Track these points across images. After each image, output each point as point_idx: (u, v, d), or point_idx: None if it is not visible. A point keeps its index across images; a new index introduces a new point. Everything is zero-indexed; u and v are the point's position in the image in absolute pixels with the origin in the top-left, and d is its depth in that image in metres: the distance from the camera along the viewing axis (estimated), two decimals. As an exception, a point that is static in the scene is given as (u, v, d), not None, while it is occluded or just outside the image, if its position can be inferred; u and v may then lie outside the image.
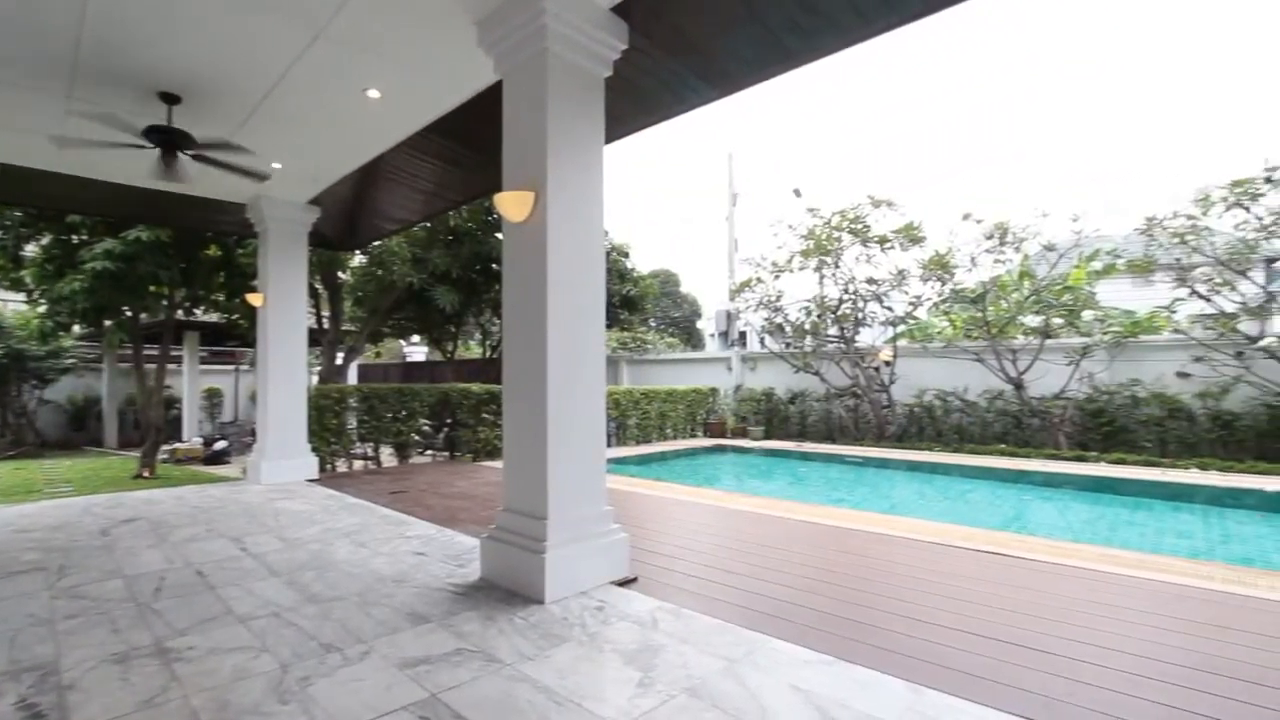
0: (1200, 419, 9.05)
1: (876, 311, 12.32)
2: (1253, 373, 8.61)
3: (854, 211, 11.95)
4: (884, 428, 11.77)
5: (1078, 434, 9.91)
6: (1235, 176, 8.50)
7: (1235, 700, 2.24)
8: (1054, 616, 3.06)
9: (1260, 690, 2.31)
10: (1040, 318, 10.52)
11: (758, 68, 4.13)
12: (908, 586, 3.54)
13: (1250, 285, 8.84)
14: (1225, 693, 2.30)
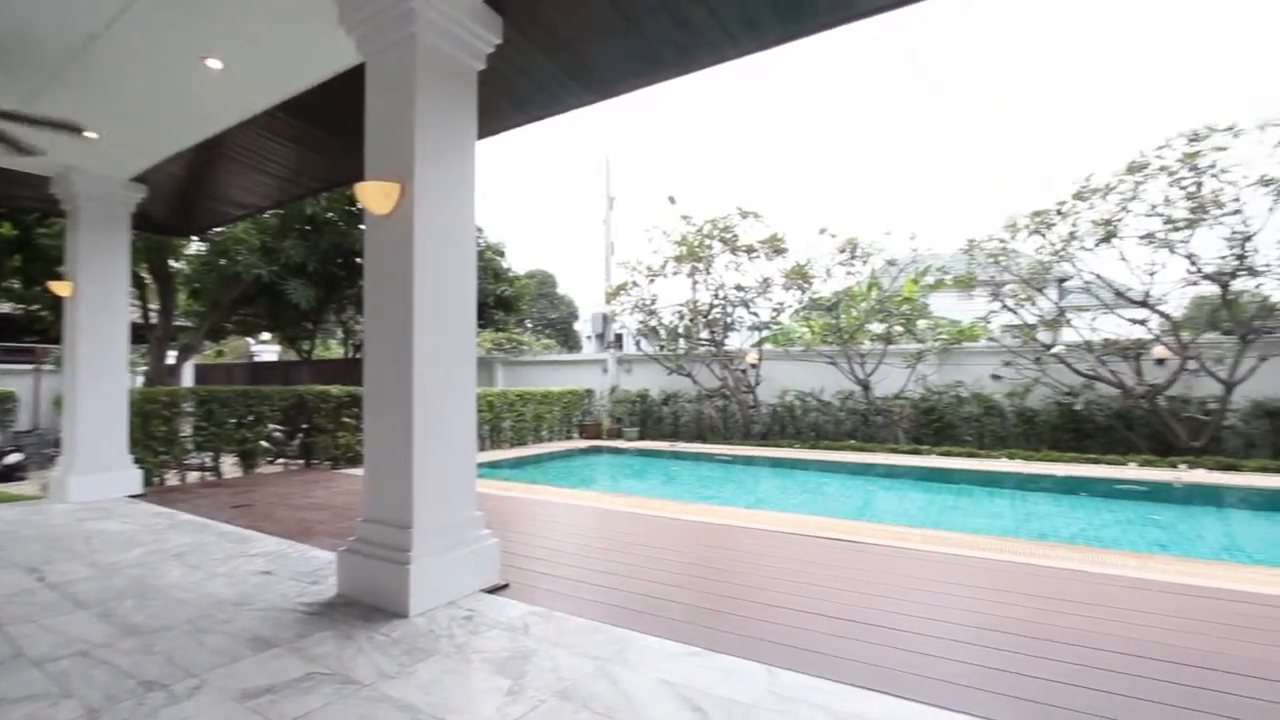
0: (1009, 415, 10.46)
1: (744, 317, 13.01)
2: (1048, 375, 10.11)
3: (724, 221, 12.54)
4: (750, 427, 12.44)
5: (914, 430, 11.08)
6: (1036, 207, 9.92)
7: (1031, 656, 2.62)
8: (892, 594, 3.40)
9: (1055, 646, 2.71)
10: (884, 325, 11.64)
11: (633, 75, 4.22)
12: (767, 575, 3.77)
13: (1045, 301, 10.38)
14: (1027, 650, 2.67)
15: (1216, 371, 8.88)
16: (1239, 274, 8.73)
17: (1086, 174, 9.43)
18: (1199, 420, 9.00)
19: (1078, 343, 10.04)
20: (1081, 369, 9.77)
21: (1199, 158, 8.55)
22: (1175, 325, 9.31)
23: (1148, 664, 2.52)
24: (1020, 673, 2.46)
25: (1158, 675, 2.43)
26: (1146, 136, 9.15)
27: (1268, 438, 8.88)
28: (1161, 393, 9.16)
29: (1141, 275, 9.38)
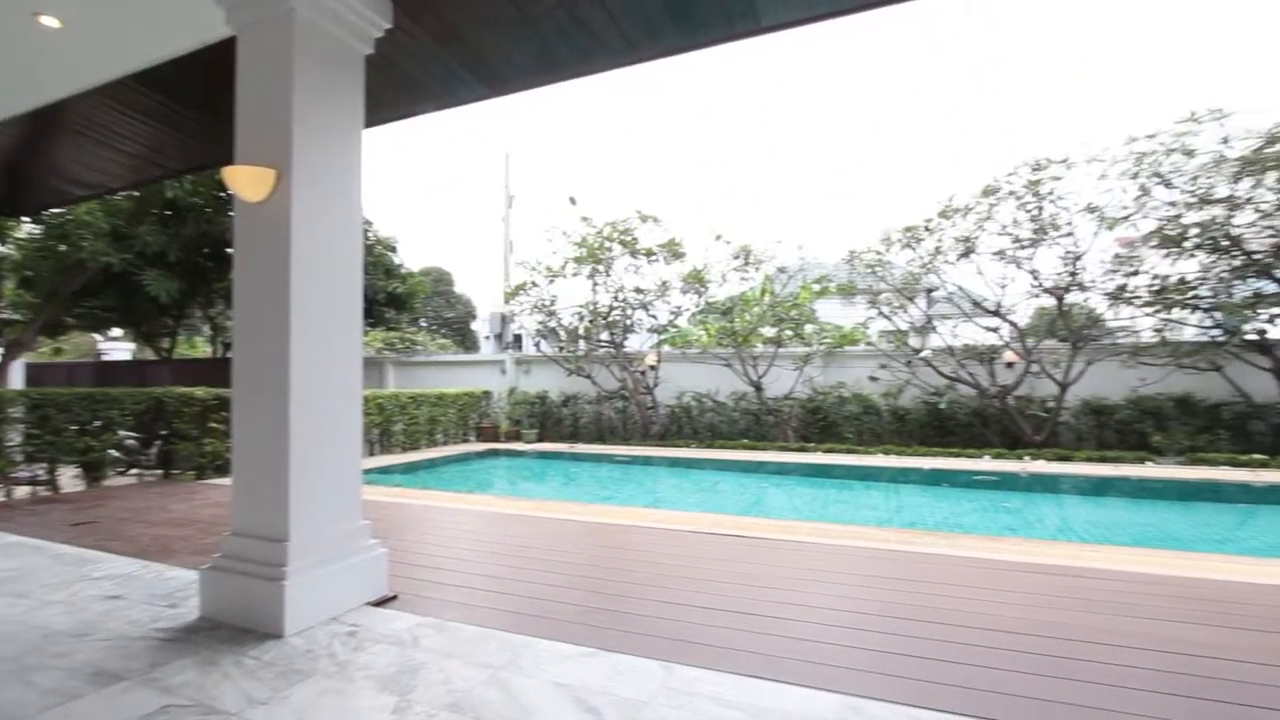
0: (884, 414, 11.31)
1: (643, 319, 13.20)
2: (917, 377, 11.03)
3: (624, 224, 12.67)
4: (649, 427, 12.64)
5: (801, 428, 11.71)
6: (908, 223, 10.81)
7: (908, 636, 2.84)
8: (782, 585, 3.57)
9: (928, 626, 2.96)
10: (775, 330, 12.22)
11: (530, 72, 4.17)
12: (664, 573, 3.84)
13: (916, 309, 11.34)
14: (904, 631, 2.90)
15: (1054, 374, 10.06)
16: (1071, 288, 9.96)
17: (950, 194, 10.40)
18: (1040, 417, 10.17)
19: (942, 348, 11.05)
20: (945, 371, 10.75)
21: (1040, 185, 9.67)
22: (1021, 333, 10.47)
23: (1009, 637, 2.81)
24: (899, 652, 2.67)
25: (1019, 647, 2.71)
26: (1001, 163, 10.33)
27: (1094, 432, 10.19)
28: (1010, 393, 10.25)
29: (994, 287, 10.47)
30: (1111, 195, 9.50)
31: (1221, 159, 8.77)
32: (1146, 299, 9.70)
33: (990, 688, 2.35)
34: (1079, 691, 2.31)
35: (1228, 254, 9.07)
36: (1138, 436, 9.73)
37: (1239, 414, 9.48)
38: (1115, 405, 10.12)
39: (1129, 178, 9.32)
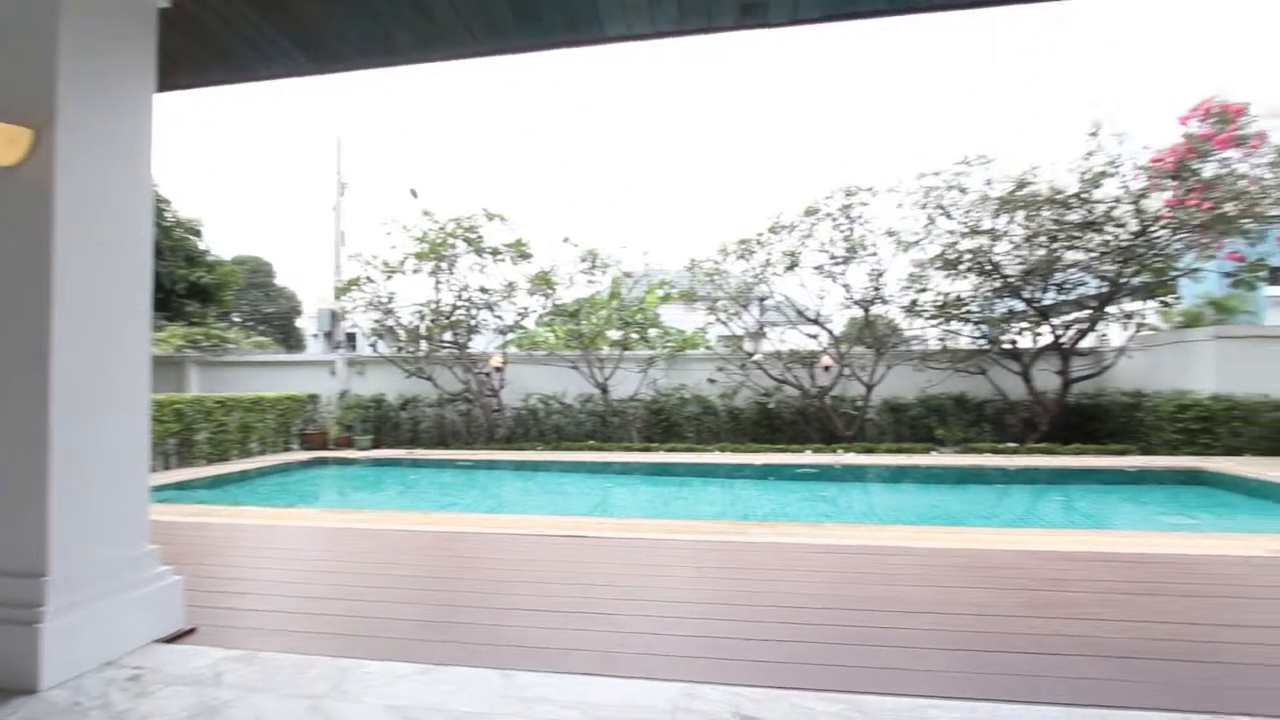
0: (721, 414, 12.05)
1: (488, 319, 12.85)
2: (750, 379, 11.91)
3: (469, 221, 12.24)
4: (494, 430, 12.32)
5: (645, 429, 12.11)
6: (742, 235, 11.64)
7: (740, 621, 3.04)
8: (624, 583, 3.65)
9: (759, 610, 3.18)
10: (621, 332, 12.52)
11: (364, 52, 3.88)
12: (505, 579, 3.77)
13: (750, 316, 12.24)
14: (738, 616, 3.09)
15: (861, 376, 11.39)
16: (876, 302, 11.36)
17: (778, 212, 11.35)
18: (851, 414, 11.45)
19: (772, 352, 12.03)
20: (774, 374, 11.72)
21: (851, 209, 10.91)
22: (836, 340, 11.73)
23: (825, 613, 3.11)
24: (731, 636, 2.84)
25: (833, 621, 3.01)
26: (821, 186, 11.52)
27: (893, 427, 11.67)
28: (828, 393, 11.43)
29: (815, 299, 11.63)
30: (906, 222, 10.99)
31: (986, 197, 10.50)
32: (932, 313, 11.34)
33: (810, 659, 2.59)
34: (883, 655, 2.63)
35: (990, 277, 10.88)
36: (926, 430, 11.31)
37: (998, 409, 11.40)
38: (909, 403, 11.69)
39: (920, 207, 10.84)
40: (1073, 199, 9.96)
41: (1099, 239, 10.12)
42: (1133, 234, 9.89)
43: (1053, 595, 3.35)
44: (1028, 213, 10.23)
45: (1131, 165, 9.79)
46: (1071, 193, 9.97)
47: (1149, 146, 9.84)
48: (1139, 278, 10.24)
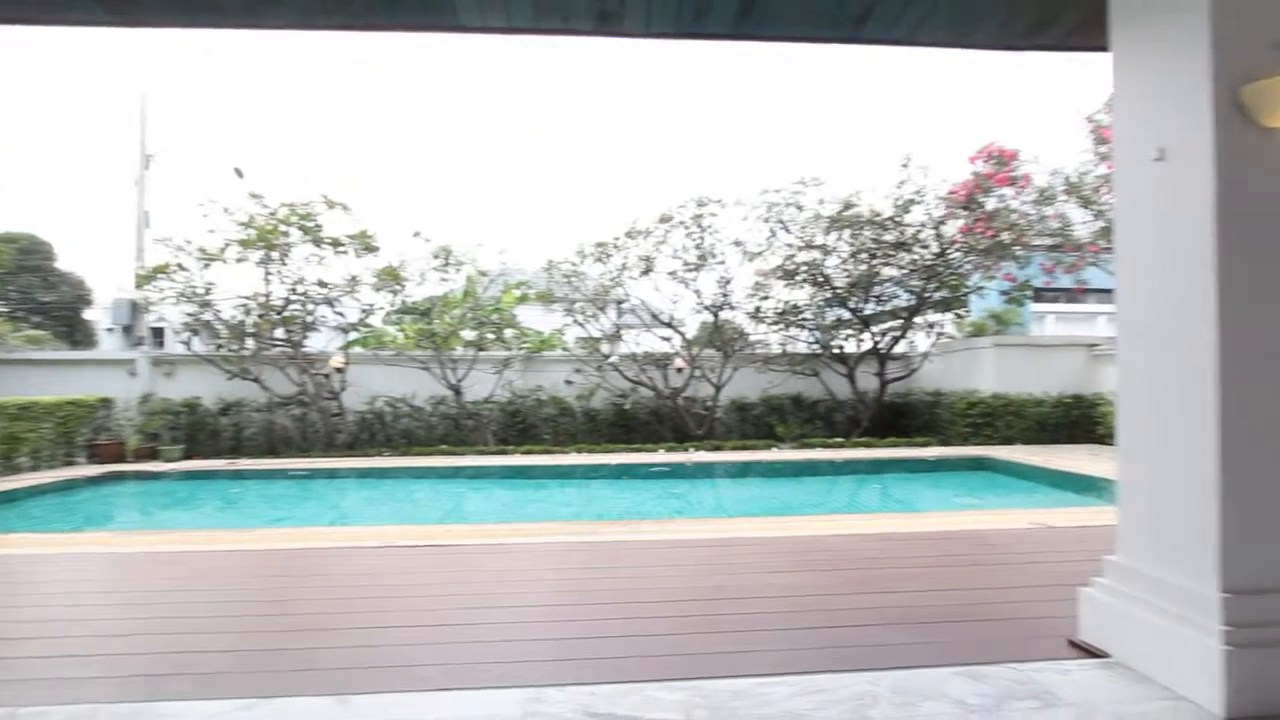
0: (578, 415, 12.12)
1: (328, 316, 11.85)
2: (607, 381, 12.11)
3: (306, 208, 11.20)
4: (334, 436, 11.39)
5: (501, 431, 11.85)
6: (600, 239, 11.81)
7: (594, 620, 3.08)
8: (473, 591, 3.55)
9: (610, 607, 3.23)
10: (476, 333, 12.14)
11: (174, 10, 3.42)
12: (344, 597, 3.51)
13: (607, 318, 12.44)
14: (591, 615, 3.12)
15: (711, 377, 12.04)
16: (724, 307, 12.08)
17: (635, 217, 11.67)
18: (702, 414, 12.05)
19: (628, 354, 12.32)
20: (629, 375, 12.01)
21: (703, 219, 11.50)
22: (688, 343, 12.29)
23: (676, 605, 3.25)
24: (585, 636, 2.87)
25: (683, 612, 3.15)
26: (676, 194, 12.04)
27: (739, 425, 12.45)
28: (680, 394, 11.93)
29: (669, 303, 12.10)
30: (751, 233, 11.80)
31: (819, 215, 11.57)
32: (773, 319, 12.28)
33: (660, 651, 2.69)
34: (726, 640, 2.80)
35: (823, 288, 12.00)
36: (768, 427, 12.19)
37: (828, 408, 12.61)
38: (753, 403, 12.54)
39: (763, 221, 11.69)
40: (888, 221, 11.30)
41: (909, 258, 11.56)
42: (934, 255, 11.42)
43: (870, 572, 3.77)
44: (853, 231, 11.44)
45: (934, 195, 11.30)
46: (887, 216, 11.30)
47: (947, 180, 11.43)
48: (939, 293, 11.85)
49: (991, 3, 3.30)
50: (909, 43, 3.58)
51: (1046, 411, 10.88)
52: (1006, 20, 3.42)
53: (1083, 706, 2.19)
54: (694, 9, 3.30)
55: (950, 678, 2.39)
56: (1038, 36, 3.52)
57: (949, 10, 3.35)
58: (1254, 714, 2.11)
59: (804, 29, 3.51)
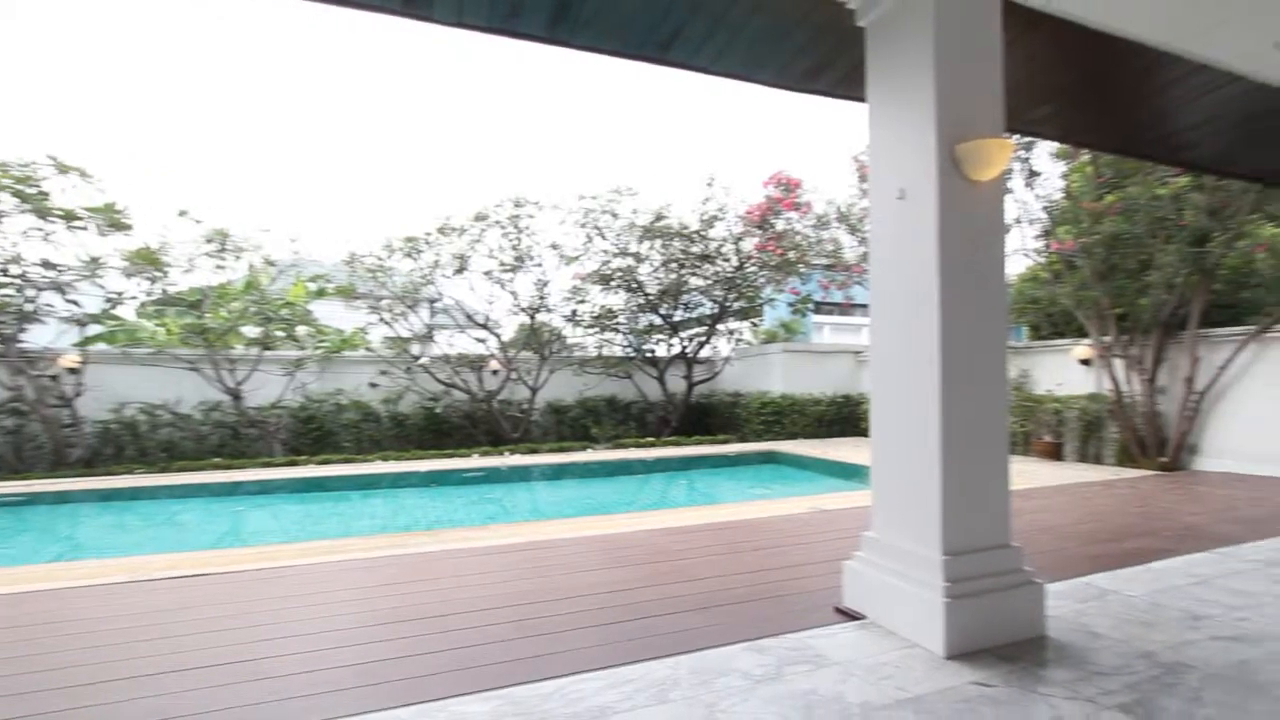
0: (384, 420, 11.30)
1: (56, 305, 9.69)
2: (417, 383, 11.44)
3: (26, 169, 9.06)
4: (65, 452, 9.35)
5: (292, 440, 10.62)
6: (409, 234, 11.14)
7: (404, 638, 2.88)
8: (257, 621, 3.15)
9: (418, 623, 3.04)
10: (261, 329, 10.76)
11: None
12: (76, 649, 2.90)
13: (418, 318, 11.76)
14: (394, 635, 2.92)
15: (527, 380, 11.95)
16: (541, 310, 12.06)
17: (447, 214, 11.20)
18: (517, 417, 11.91)
19: (440, 356, 11.77)
20: (442, 378, 11.48)
21: (520, 220, 11.39)
22: (504, 345, 12.08)
23: (486, 614, 3.15)
24: (390, 657, 2.68)
25: (495, 620, 3.06)
26: (490, 193, 11.76)
27: (555, 427, 12.52)
28: (495, 397, 11.68)
29: (484, 303, 11.79)
30: (569, 237, 11.95)
31: (633, 224, 12.08)
32: (589, 323, 12.55)
33: (469, 663, 2.61)
34: (535, 644, 2.80)
35: (636, 294, 12.53)
36: (583, 429, 12.42)
37: (641, 409, 13.19)
38: (569, 405, 12.69)
39: (580, 226, 11.90)
40: (695, 234, 12.15)
41: (712, 269, 12.53)
42: (734, 268, 12.51)
43: (674, 564, 4.03)
44: (663, 242, 12.11)
45: (734, 214, 12.39)
46: (694, 229, 12.15)
47: (745, 200, 12.60)
48: (738, 303, 13.01)
49: (775, 47, 3.73)
50: (710, 71, 3.91)
51: (824, 409, 12.47)
52: (787, 64, 3.88)
53: (845, 664, 2.56)
54: (507, 6, 3.28)
55: (740, 653, 2.65)
56: (812, 82, 4.04)
57: (742, 48, 3.72)
58: (964, 650, 2.63)
59: (615, 43, 3.66)
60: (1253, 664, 2.55)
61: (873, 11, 3.08)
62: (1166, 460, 8.02)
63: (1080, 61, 4.12)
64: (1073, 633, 2.86)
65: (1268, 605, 3.22)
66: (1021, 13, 3.44)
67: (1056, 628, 2.90)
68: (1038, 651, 2.67)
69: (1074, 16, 3.55)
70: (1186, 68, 4.15)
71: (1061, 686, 2.36)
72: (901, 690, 2.33)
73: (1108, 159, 8.15)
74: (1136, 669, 2.50)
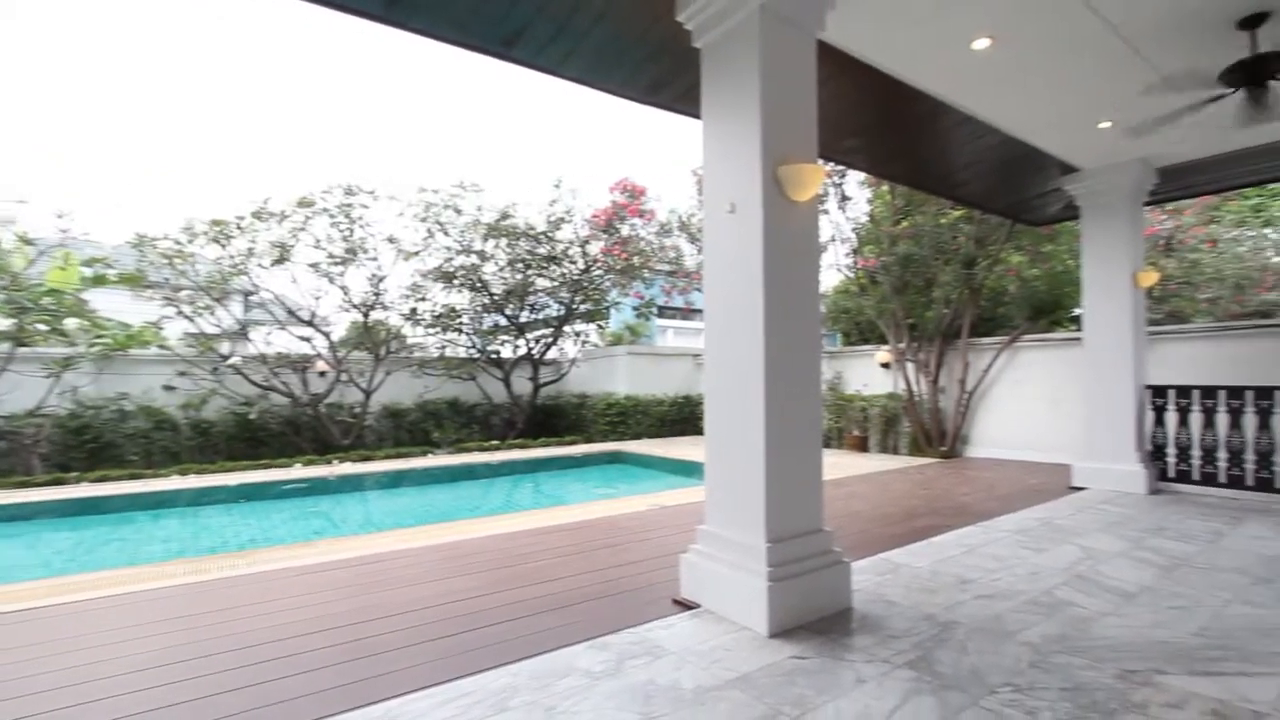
0: (183, 428, 9.87)
1: None
2: (225, 386, 10.13)
3: None
4: None
5: (57, 454, 8.91)
6: (217, 216, 9.84)
7: (193, 679, 2.52)
8: (10, 677, 2.60)
9: (220, 658, 2.68)
10: (14, 320, 8.89)
11: None
12: None
13: (228, 312, 10.41)
14: (191, 674, 2.54)
15: (360, 382, 11.09)
16: (376, 307, 11.25)
17: (265, 197, 10.05)
18: (349, 422, 11.00)
19: (254, 355, 10.52)
20: (257, 380, 10.27)
21: (352, 209, 10.54)
22: (334, 344, 11.10)
23: (310, 639, 2.87)
24: (182, 700, 2.34)
25: (319, 644, 2.79)
26: (318, 178, 10.71)
27: (392, 432, 11.75)
28: (323, 400, 10.70)
29: (310, 298, 10.74)
30: (408, 232, 11.28)
31: (478, 222, 11.71)
32: (430, 322, 11.94)
33: (280, 696, 2.37)
34: (362, 666, 2.60)
35: (481, 293, 12.16)
36: (423, 433, 11.79)
37: (486, 411, 12.82)
38: (408, 409, 11.98)
39: (420, 220, 11.29)
40: (542, 235, 12.06)
41: (559, 271, 12.52)
42: (581, 271, 12.61)
43: (518, 568, 3.97)
44: (509, 241, 11.88)
45: (581, 217, 12.49)
46: (540, 230, 12.06)
47: (592, 204, 12.75)
48: (585, 305, 13.12)
49: (620, 58, 3.84)
50: (557, 74, 3.92)
51: (666, 410, 12.99)
52: (632, 76, 4.01)
53: (681, 652, 2.69)
54: (340, -19, 3.05)
55: (581, 652, 2.68)
56: (656, 95, 4.21)
57: (589, 55, 3.78)
58: (786, 627, 2.89)
59: (455, 32, 3.54)
60: (1004, 616, 3.08)
61: (707, 34, 3.28)
62: (946, 449, 9.40)
63: (880, 103, 4.72)
64: (872, 603, 3.26)
65: (1016, 567, 3.90)
66: (835, 54, 3.86)
67: (860, 600, 3.29)
68: (845, 623, 3.00)
69: (875, 63, 4.05)
70: (958, 117, 4.92)
71: (863, 652, 2.68)
72: (730, 671, 2.51)
73: (903, 189, 9.39)
74: (920, 630, 2.91)
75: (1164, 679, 2.42)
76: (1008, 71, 4.26)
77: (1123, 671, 2.49)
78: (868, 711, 2.20)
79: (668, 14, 3.40)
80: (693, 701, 2.27)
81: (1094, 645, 2.74)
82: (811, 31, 3.20)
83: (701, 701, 2.27)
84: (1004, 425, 9.27)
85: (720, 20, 3.17)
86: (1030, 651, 2.68)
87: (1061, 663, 2.57)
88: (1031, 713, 2.18)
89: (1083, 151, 5.85)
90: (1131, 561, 3.98)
